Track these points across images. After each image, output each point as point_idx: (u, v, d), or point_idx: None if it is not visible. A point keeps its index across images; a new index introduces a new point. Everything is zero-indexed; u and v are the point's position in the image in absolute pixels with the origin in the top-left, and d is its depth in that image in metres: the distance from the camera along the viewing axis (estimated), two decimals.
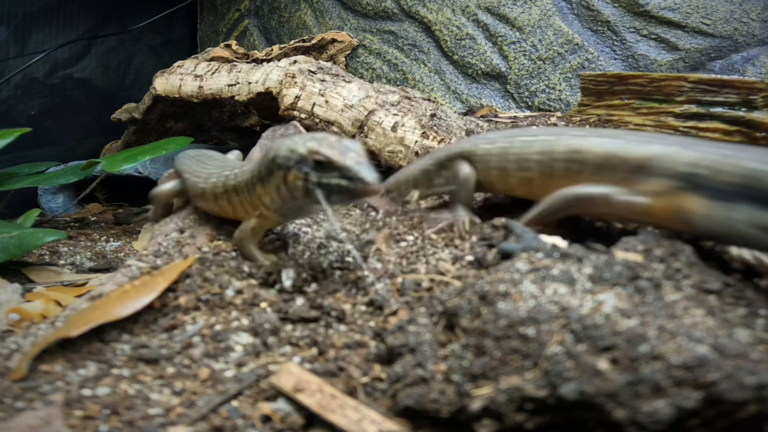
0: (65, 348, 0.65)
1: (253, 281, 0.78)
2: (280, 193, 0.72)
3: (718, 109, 1.22)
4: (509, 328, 0.53)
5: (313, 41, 2.07)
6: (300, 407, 0.57)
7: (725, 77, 1.21)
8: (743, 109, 1.19)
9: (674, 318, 0.52)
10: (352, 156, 0.65)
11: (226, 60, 1.93)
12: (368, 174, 0.63)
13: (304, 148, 0.66)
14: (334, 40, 2.11)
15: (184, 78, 1.72)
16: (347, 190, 0.64)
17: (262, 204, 0.76)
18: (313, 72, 1.53)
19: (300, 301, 0.72)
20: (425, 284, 0.73)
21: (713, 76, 1.25)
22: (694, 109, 1.24)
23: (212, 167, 0.92)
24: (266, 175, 0.73)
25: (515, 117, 1.57)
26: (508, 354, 0.52)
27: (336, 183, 0.64)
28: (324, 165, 0.65)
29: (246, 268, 0.80)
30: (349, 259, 0.80)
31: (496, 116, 1.61)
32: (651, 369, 0.46)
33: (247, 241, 0.82)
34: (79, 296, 0.90)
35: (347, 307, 0.71)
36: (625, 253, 0.62)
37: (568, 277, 0.58)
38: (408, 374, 0.57)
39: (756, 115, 1.17)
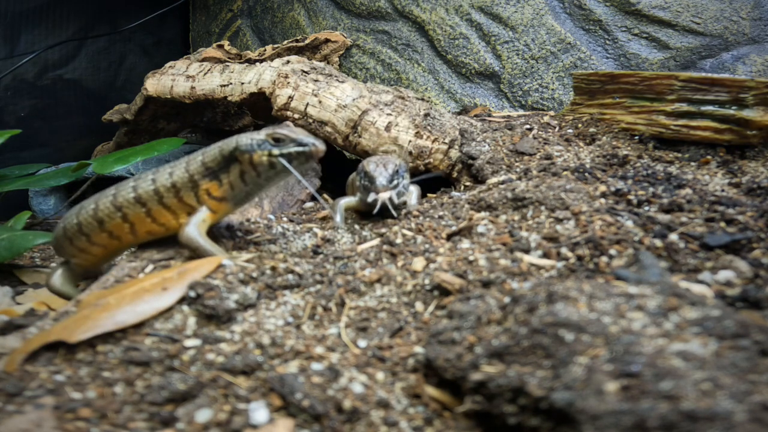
0: (55, 350, 0.64)
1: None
2: (243, 178, 0.84)
3: (709, 108, 1.22)
4: (549, 326, 0.53)
5: (307, 41, 2.06)
6: None
7: (716, 76, 1.22)
8: (734, 108, 1.20)
9: (744, 380, 0.45)
10: (298, 131, 0.85)
11: (219, 60, 1.92)
12: (314, 139, 0.84)
13: (263, 134, 0.84)
14: (327, 40, 2.11)
15: (176, 78, 1.71)
16: (303, 154, 0.83)
17: (212, 198, 0.85)
18: (306, 72, 1.52)
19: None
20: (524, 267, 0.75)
21: (704, 74, 1.26)
22: (684, 107, 1.25)
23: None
24: (222, 167, 0.85)
25: (509, 116, 1.57)
26: (534, 347, 0.52)
27: (294, 150, 0.83)
28: (281, 140, 0.83)
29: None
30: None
31: (489, 115, 1.62)
32: (652, 405, 0.43)
33: (201, 235, 0.84)
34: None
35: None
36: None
37: (659, 312, 0.53)
38: (445, 332, 0.61)
39: (746, 114, 1.18)
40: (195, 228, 0.82)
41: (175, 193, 0.85)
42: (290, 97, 1.48)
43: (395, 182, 1.01)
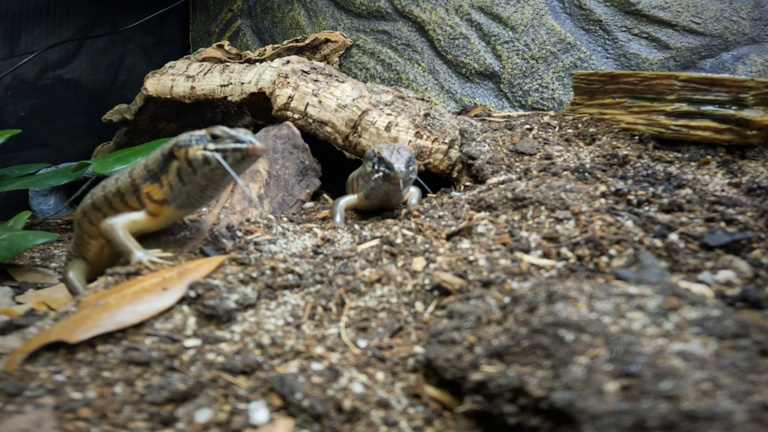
0: (55, 350, 0.64)
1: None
2: (180, 176, 0.84)
3: (709, 108, 1.22)
4: (549, 326, 0.53)
5: (307, 41, 2.06)
6: None
7: (716, 76, 1.22)
8: (734, 108, 1.20)
9: (744, 380, 0.45)
10: (241, 131, 0.84)
11: (219, 60, 1.92)
12: (253, 138, 0.83)
13: (203, 131, 0.84)
14: (327, 40, 2.11)
15: (176, 78, 1.71)
16: (239, 151, 0.81)
17: (153, 201, 0.86)
18: (306, 72, 1.52)
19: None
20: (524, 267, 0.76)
21: (704, 74, 1.26)
22: (685, 107, 1.25)
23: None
24: (162, 167, 0.86)
25: (509, 116, 1.57)
26: (534, 347, 0.52)
27: (230, 146, 0.81)
28: (219, 137, 0.82)
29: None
30: None
31: (489, 115, 1.62)
32: (652, 405, 0.43)
33: (122, 230, 0.85)
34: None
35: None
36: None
37: (659, 312, 0.53)
38: (445, 332, 0.61)
39: (746, 114, 1.18)
40: (120, 222, 0.86)
41: (121, 198, 0.89)
42: (290, 97, 1.48)
43: (411, 168, 1.05)
